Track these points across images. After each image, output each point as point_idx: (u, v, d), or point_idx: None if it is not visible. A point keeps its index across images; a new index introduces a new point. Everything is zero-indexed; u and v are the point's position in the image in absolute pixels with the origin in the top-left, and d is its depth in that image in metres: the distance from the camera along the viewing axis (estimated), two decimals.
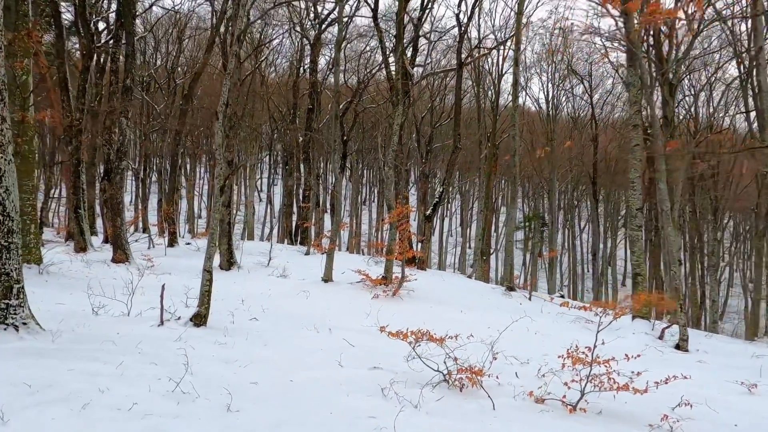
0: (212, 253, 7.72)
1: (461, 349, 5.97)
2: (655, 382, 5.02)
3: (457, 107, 20.25)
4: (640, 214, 10.47)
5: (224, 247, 15.66)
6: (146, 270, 14.34)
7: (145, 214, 35.38)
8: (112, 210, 15.28)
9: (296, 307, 10.98)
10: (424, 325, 9.95)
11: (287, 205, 27.51)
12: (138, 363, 5.22)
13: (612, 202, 46.17)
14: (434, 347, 6.00)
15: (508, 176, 49.16)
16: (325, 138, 34.43)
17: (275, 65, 38.29)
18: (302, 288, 12.80)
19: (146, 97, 34.63)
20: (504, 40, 23.61)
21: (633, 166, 10.50)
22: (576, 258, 42.70)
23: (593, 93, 32.13)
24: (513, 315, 11.63)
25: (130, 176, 49.59)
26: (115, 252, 15.06)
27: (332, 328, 8.70)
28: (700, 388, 6.15)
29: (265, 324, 8.73)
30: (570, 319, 11.30)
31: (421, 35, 22.14)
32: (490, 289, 15.98)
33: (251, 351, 6.55)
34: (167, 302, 9.26)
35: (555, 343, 8.94)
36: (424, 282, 14.19)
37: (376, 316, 10.32)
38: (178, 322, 7.57)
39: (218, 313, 9.02)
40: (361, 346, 7.46)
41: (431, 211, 18.87)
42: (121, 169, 15.11)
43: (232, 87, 7.30)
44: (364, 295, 12.69)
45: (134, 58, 15.69)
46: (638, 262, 10.37)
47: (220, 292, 12.15)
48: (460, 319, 10.73)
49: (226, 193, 16.09)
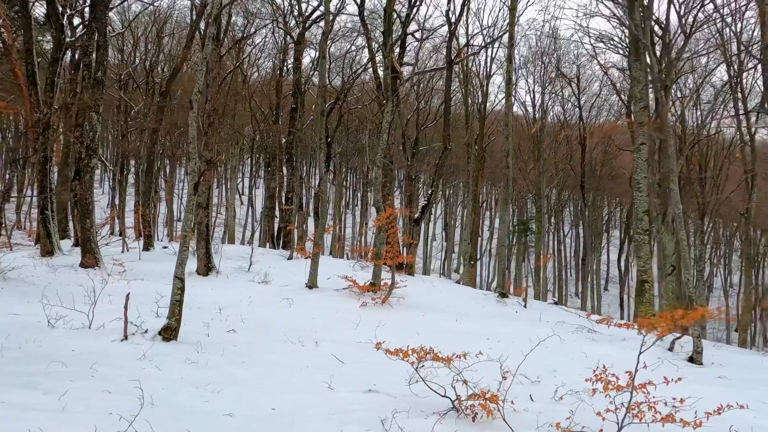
0: (185, 258, 6.87)
1: (469, 370, 5.19)
2: (706, 413, 4.29)
3: (447, 107, 19.58)
4: (646, 217, 9.83)
5: (202, 251, 14.74)
6: (117, 275, 13.38)
7: (122, 216, 34.18)
8: (81, 211, 14.28)
9: (279, 316, 10.13)
10: (418, 336, 9.22)
11: (269, 208, 26.59)
12: (88, 391, 4.36)
13: (597, 207, 45.91)
14: (436, 364, 5.21)
15: (494, 180, 48.76)
16: (309, 138, 33.57)
17: (258, 65, 37.38)
18: (285, 295, 11.95)
19: (124, 96, 33.55)
20: (497, 36, 23.02)
21: (639, 166, 9.88)
22: (561, 262, 42.32)
23: (580, 96, 31.71)
24: (511, 324, 10.93)
25: (108, 178, 48.22)
26: (83, 256, 14.06)
27: (319, 341, 7.88)
28: (743, 412, 5.43)
29: (244, 336, 7.89)
30: (571, 328, 10.61)
31: (409, 33, 21.44)
32: (482, 296, 15.27)
33: (227, 370, 5.71)
34: (135, 312, 8.37)
35: (562, 356, 8.23)
36: (414, 288, 13.42)
37: (366, 326, 9.53)
38: (144, 335, 6.70)
39: (192, 324, 8.15)
40: (352, 363, 6.66)
41: (420, 214, 18.14)
42: (91, 167, 14.13)
43: (209, 73, 6.48)
44: (352, 302, 11.87)
45: (106, 50, 14.74)
46: (645, 269, 9.73)
47: (195, 299, 11.26)
48: (456, 329, 9.97)
49: (204, 193, 15.18)
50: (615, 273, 50.33)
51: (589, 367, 7.57)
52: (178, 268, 6.90)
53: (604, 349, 8.87)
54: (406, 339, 8.72)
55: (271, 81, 31.84)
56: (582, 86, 32.46)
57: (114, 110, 36.73)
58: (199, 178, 6.75)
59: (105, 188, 51.27)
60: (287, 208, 22.66)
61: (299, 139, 25.61)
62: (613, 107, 35.68)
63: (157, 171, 41.54)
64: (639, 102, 9.93)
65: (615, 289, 50.05)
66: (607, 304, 42.59)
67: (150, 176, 21.65)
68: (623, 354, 8.56)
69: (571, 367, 7.48)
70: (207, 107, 15.22)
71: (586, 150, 31.65)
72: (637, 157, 9.92)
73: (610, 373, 4.77)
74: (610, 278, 51.86)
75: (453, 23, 19.67)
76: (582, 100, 32.28)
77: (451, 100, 20.19)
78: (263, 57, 36.14)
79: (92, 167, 14.17)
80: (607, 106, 35.84)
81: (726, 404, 4.34)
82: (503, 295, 14.91)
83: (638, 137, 9.96)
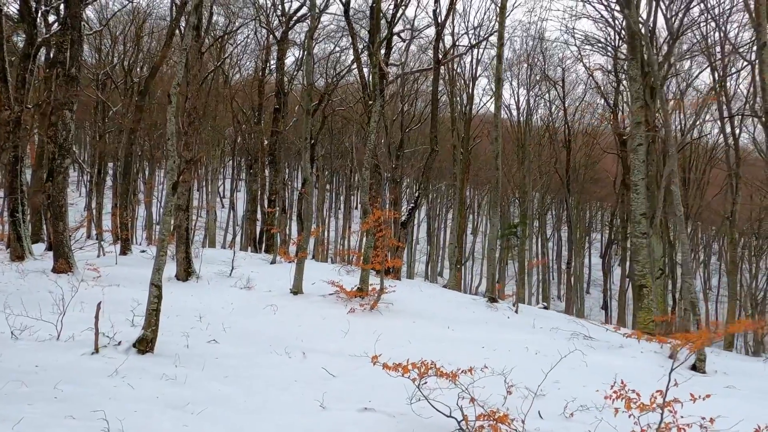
0: (162, 263, 6.36)
1: (473, 386, 4.76)
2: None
3: (434, 107, 19.21)
4: (644, 220, 9.51)
5: (181, 255, 14.13)
6: (91, 281, 12.74)
7: (100, 219, 33.22)
8: (54, 213, 13.60)
9: (263, 324, 9.61)
10: (410, 345, 8.78)
11: (251, 211, 25.97)
12: (47, 417, 3.84)
13: (580, 210, 45.99)
14: (434, 375, 4.77)
15: (477, 183, 48.61)
16: (292, 139, 32.98)
17: (240, 65, 36.70)
18: (269, 301, 11.42)
19: (101, 96, 32.66)
20: (485, 36, 22.72)
21: (636, 168, 9.57)
22: (545, 266, 42.24)
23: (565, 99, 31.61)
24: (504, 331, 10.55)
25: (85, 180, 47.05)
26: (56, 261, 13.37)
27: (306, 351, 7.40)
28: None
29: (226, 347, 7.37)
30: (566, 335, 10.24)
31: (395, 33, 21.04)
32: (472, 301, 14.87)
33: (209, 387, 5.21)
34: (108, 321, 7.83)
35: (561, 365, 7.82)
36: (402, 293, 12.97)
37: (356, 334, 9.07)
38: (117, 348, 6.17)
39: (170, 334, 7.62)
40: (343, 376, 6.20)
41: (407, 216, 17.73)
42: (64, 167, 13.45)
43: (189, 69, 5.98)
44: (339, 309, 11.39)
45: (81, 46, 14.09)
46: (643, 273, 9.40)
47: (174, 306, 10.70)
48: (449, 336, 9.55)
49: (184, 195, 14.59)
50: (596, 276, 50.54)
51: (592, 376, 7.24)
52: (154, 275, 6.38)
53: (603, 357, 8.52)
54: (398, 348, 8.29)
55: (253, 81, 31.25)
56: (566, 90, 32.39)
57: (91, 111, 35.88)
58: (177, 178, 6.25)
59: (83, 191, 50.10)
60: (270, 211, 22.09)
61: (282, 139, 25.07)
62: (597, 110, 35.74)
63: (136, 173, 40.70)
64: (636, 101, 9.63)
65: (596, 291, 50.25)
66: (589, 307, 42.61)
67: (128, 177, 20.91)
68: (624, 363, 8.23)
69: (573, 378, 7.10)
70: (187, 105, 14.65)
71: (570, 152, 31.53)
72: (634, 158, 9.62)
73: (629, 389, 4.36)
74: (592, 281, 52.00)
75: (440, 23, 19.32)
76: (566, 103, 32.18)
77: (438, 101, 19.81)
78: (245, 57, 35.54)
79: (65, 167, 13.50)
80: (591, 110, 35.85)
81: (765, 426, 3.95)
82: (493, 300, 14.55)
83: (635, 138, 9.66)
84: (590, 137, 37.63)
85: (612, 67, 25.10)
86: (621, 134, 26.16)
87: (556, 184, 42.84)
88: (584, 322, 12.99)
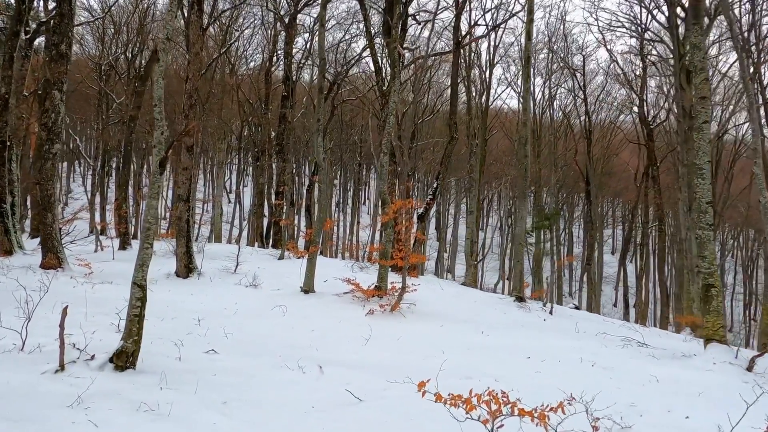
0: (147, 258, 5.13)
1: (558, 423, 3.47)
2: None
3: (453, 92, 17.88)
4: (711, 210, 8.20)
5: (182, 250, 12.93)
6: (82, 278, 11.57)
7: (103, 213, 32.11)
8: (42, 204, 12.41)
9: (271, 328, 8.38)
10: (444, 355, 7.47)
11: (258, 205, 24.75)
12: None
13: (596, 205, 44.52)
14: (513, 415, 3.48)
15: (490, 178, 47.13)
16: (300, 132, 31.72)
17: (246, 57, 35.45)
18: (277, 301, 10.19)
19: (105, 87, 31.53)
20: (507, 16, 21.33)
21: (701, 149, 8.26)
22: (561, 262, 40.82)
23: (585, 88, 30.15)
24: (545, 336, 9.25)
25: (89, 173, 45.94)
26: (44, 256, 12.21)
27: (323, 364, 6.14)
28: None
29: (226, 358, 6.13)
30: (617, 341, 8.91)
31: (410, 14, 19.72)
32: (499, 300, 13.57)
33: (200, 421, 3.96)
34: (90, 325, 6.64)
35: (628, 382, 6.55)
36: (423, 293, 11.68)
37: (378, 341, 7.80)
38: (89, 364, 4.93)
39: (160, 342, 6.39)
40: (371, 399, 4.92)
41: (425, 209, 16.45)
42: (53, 153, 12.25)
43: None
44: (356, 310, 10.14)
45: (71, 20, 12.90)
46: (711, 271, 8.09)
47: (171, 307, 9.48)
48: (486, 343, 8.26)
49: (184, 184, 13.37)
50: (607, 272, 49.00)
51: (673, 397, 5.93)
52: (137, 272, 5.14)
53: (671, 369, 7.20)
54: (430, 359, 7.03)
55: (260, 72, 30.04)
56: (586, 79, 30.91)
57: (94, 103, 34.78)
58: (166, 153, 5.01)
59: (88, 185, 49.10)
60: (278, 203, 20.85)
61: (290, 130, 23.83)
62: (616, 100, 34.29)
63: (141, 166, 39.57)
64: (700, 73, 8.33)
65: (608, 288, 48.88)
66: (602, 304, 41.21)
67: (127, 168, 19.75)
68: (700, 378, 6.90)
69: (650, 399, 5.80)
70: (188, 86, 13.42)
71: (591, 144, 30.10)
72: (699, 137, 8.31)
73: None
74: (604, 278, 50.55)
75: (460, 1, 17.97)
76: (586, 92, 30.70)
77: (458, 86, 18.48)
78: (251, 50, 34.35)
79: (54, 153, 12.29)
80: (610, 101, 34.38)
81: None
82: (520, 299, 13.26)
83: (699, 115, 8.35)
84: (607, 130, 36.21)
85: (639, 49, 23.61)
86: (648, 122, 24.81)
87: (570, 179, 41.42)
88: (632, 324, 11.69)
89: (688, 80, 18.75)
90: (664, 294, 23.17)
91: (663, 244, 23.96)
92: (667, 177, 28.72)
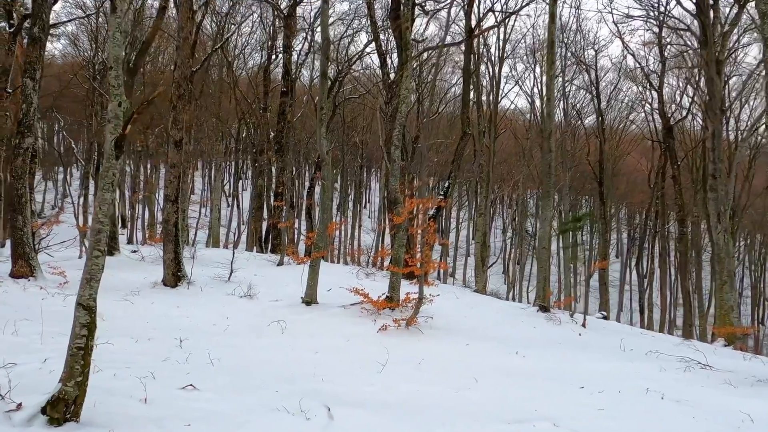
0: (96, 271, 3.79)
1: None
2: None
3: (465, 85, 16.57)
4: None
5: (169, 256, 11.60)
6: (54, 288, 10.24)
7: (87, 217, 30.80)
8: (12, 205, 11.09)
9: (267, 350, 7.04)
10: (477, 384, 6.09)
11: (257, 208, 23.41)
12: None
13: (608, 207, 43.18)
14: None
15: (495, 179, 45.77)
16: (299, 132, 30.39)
17: (244, 55, 34.18)
18: (275, 315, 8.85)
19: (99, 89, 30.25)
20: (521, 5, 20.02)
21: None
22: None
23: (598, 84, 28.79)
24: (590, 356, 7.88)
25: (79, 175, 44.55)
26: (14, 263, 10.91)
27: (332, 403, 4.80)
28: None
29: (209, 397, 4.79)
30: (676, 364, 7.52)
31: (417, 3, 18.44)
32: (521, 310, 12.23)
33: None
34: (41, 351, 5.34)
35: (717, 423, 5.17)
36: (439, 303, 10.33)
37: (396, 366, 6.45)
38: (12, 416, 3.58)
39: (125, 374, 5.06)
40: None
41: (436, 210, 15.10)
42: (24, 148, 10.95)
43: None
44: (366, 325, 8.80)
45: (45, 1, 11.56)
46: None
47: (152, 323, 8.13)
48: (523, 367, 6.90)
49: (172, 182, 12.05)
50: (612, 276, 47.58)
51: None
52: (83, 289, 3.79)
53: (760, 402, 5.83)
54: (463, 390, 5.67)
55: (259, 70, 28.77)
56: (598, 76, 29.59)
57: (88, 103, 33.56)
58: (124, 131, 3.69)
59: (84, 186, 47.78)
60: (277, 204, 19.51)
61: (290, 128, 22.52)
62: (627, 97, 33.00)
63: (137, 169, 38.24)
64: None
65: (614, 293, 47.49)
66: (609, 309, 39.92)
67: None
68: None
69: None
70: (176, 74, 12.12)
71: (605, 143, 28.76)
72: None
73: None
74: (610, 282, 49.16)
75: None
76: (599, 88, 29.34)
77: (470, 76, 17.18)
78: (250, 48, 33.08)
79: (25, 148, 10.98)
80: (622, 96, 33.05)
81: None
82: (544, 309, 11.93)
83: None
84: (620, 129, 34.93)
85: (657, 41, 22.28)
86: (668, 118, 23.47)
87: (577, 181, 40.07)
88: (690, 342, 10.34)
89: (717, 71, 17.49)
90: (687, 301, 21.78)
91: (685, 248, 22.57)
92: (684, 179, 27.43)
